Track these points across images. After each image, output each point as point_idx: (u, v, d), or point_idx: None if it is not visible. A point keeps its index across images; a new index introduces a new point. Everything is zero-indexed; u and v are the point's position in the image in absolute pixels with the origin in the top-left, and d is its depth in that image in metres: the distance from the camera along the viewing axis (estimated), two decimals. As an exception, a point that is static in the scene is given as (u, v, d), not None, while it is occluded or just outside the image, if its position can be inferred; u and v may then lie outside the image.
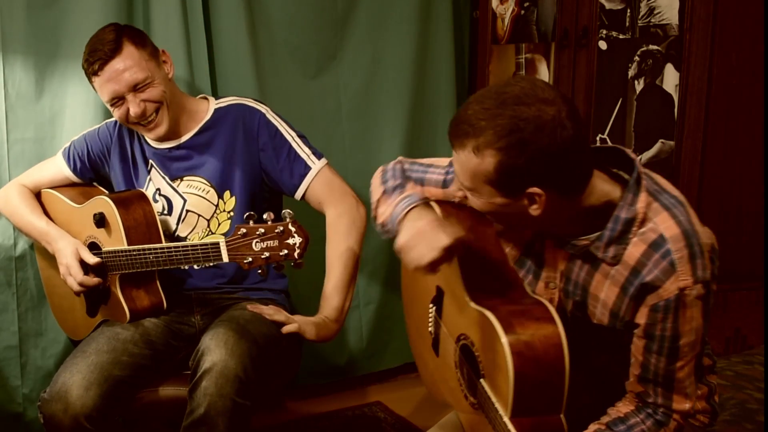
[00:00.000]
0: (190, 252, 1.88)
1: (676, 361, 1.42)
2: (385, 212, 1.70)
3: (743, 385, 1.96)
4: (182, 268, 2.12)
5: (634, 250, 1.41)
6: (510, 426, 1.42)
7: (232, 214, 2.12)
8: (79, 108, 2.41)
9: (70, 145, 2.26)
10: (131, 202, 2.05)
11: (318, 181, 2.12)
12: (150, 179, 2.17)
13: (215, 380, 1.78)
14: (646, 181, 1.44)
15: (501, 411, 1.46)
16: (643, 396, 1.49)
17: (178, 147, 2.14)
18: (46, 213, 2.21)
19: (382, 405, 2.96)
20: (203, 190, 2.13)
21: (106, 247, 2.04)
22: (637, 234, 1.41)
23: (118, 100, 2.02)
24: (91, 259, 2.03)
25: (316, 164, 2.13)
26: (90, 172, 2.26)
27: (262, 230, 1.71)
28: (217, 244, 1.79)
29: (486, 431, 1.55)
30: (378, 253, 2.96)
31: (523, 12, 2.75)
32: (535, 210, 1.39)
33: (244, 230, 1.73)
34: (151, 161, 2.17)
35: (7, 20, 2.34)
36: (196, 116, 2.15)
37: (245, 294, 2.18)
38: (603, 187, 1.43)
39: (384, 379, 3.03)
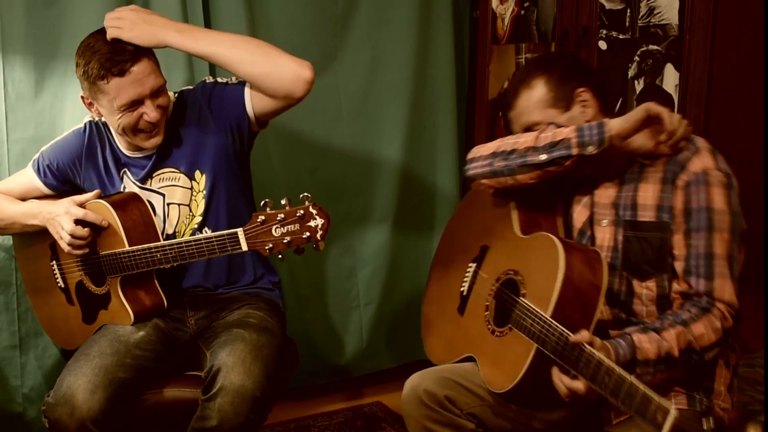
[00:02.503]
0: (204, 245, 1.86)
1: (712, 231, 1.63)
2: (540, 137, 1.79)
3: (745, 388, 1.96)
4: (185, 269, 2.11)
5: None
6: (551, 319, 1.61)
7: (205, 192, 2.10)
8: (78, 108, 2.40)
9: (39, 156, 2.20)
10: (127, 203, 2.04)
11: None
12: (124, 186, 2.14)
13: (231, 399, 1.81)
14: None
15: (542, 312, 1.64)
16: (687, 292, 1.65)
17: (151, 155, 2.11)
18: None
19: (382, 405, 2.97)
20: (175, 178, 2.11)
21: (105, 251, 2.03)
22: None
23: (134, 104, 1.96)
24: (82, 198, 2.03)
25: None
26: (60, 182, 2.19)
27: (282, 215, 1.71)
28: (235, 233, 1.78)
29: (512, 352, 1.71)
30: (378, 254, 2.97)
31: (523, 12, 2.75)
32: (585, 112, 1.80)
33: (263, 217, 1.73)
34: (125, 169, 2.14)
35: (7, 20, 2.34)
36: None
37: (239, 291, 2.18)
38: None
39: (384, 379, 3.03)
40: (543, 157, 1.72)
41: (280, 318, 2.16)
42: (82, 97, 2.06)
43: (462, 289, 1.99)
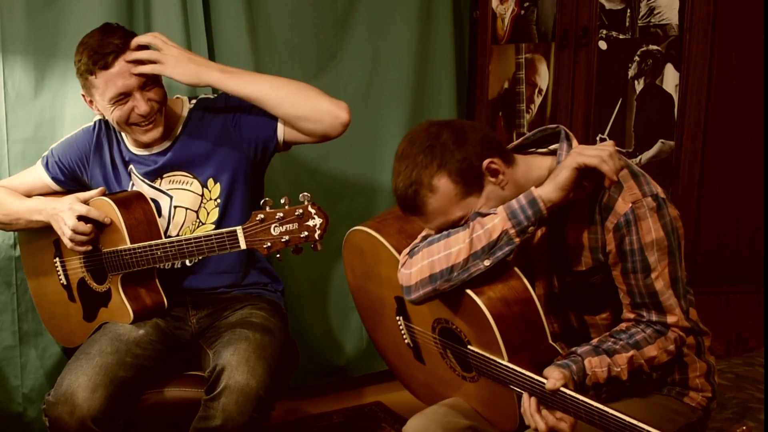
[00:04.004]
0: (203, 242, 1.86)
1: (649, 272, 1.56)
2: (460, 250, 1.61)
3: (745, 386, 1.96)
4: (190, 261, 2.12)
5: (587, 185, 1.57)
6: (512, 365, 1.55)
7: (219, 201, 2.11)
8: (79, 108, 2.41)
9: (49, 153, 2.22)
10: (131, 201, 2.04)
11: None
12: (132, 184, 2.15)
13: (236, 399, 1.81)
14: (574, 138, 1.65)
15: (498, 359, 1.57)
16: (638, 319, 1.61)
17: (161, 153, 2.12)
18: None
19: (382, 405, 2.96)
20: (186, 182, 2.12)
21: (107, 248, 2.03)
22: None
23: (123, 97, 1.98)
24: (85, 195, 2.04)
25: None
26: (69, 178, 2.20)
27: (281, 214, 1.71)
28: (234, 231, 1.78)
29: (496, 394, 1.65)
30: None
31: (523, 12, 2.75)
32: (502, 181, 1.59)
33: (262, 216, 1.73)
34: (131, 166, 2.15)
35: (7, 20, 2.34)
36: (174, 118, 2.13)
37: (241, 291, 2.18)
38: (542, 161, 1.66)
39: (384, 379, 3.02)
40: (486, 263, 1.57)
41: (282, 318, 2.17)
42: (83, 95, 2.08)
43: (406, 341, 1.92)
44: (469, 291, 1.60)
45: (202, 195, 2.12)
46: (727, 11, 2.20)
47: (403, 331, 1.92)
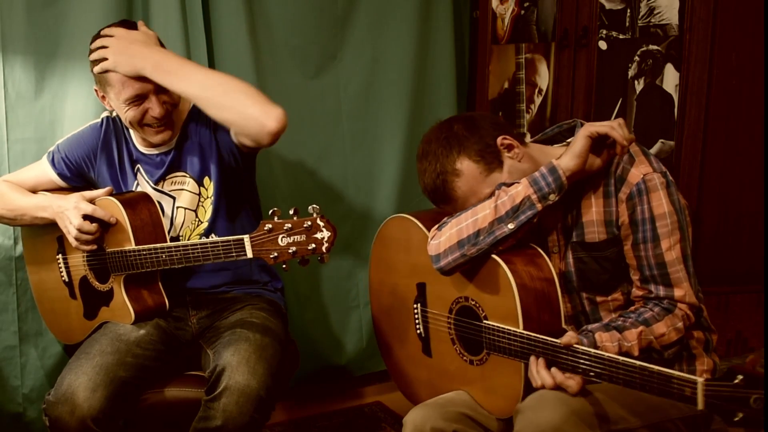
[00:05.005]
0: (210, 249, 1.86)
1: (659, 242, 1.64)
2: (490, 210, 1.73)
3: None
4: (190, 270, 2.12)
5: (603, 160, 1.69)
6: (526, 332, 1.62)
7: (212, 198, 2.11)
8: (79, 108, 2.41)
9: (55, 148, 2.23)
10: (137, 202, 2.04)
11: None
12: (137, 183, 2.16)
13: (236, 399, 1.81)
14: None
15: (513, 329, 1.65)
16: (647, 296, 1.68)
17: (166, 152, 2.12)
18: None
19: (382, 405, 2.97)
20: (185, 183, 2.13)
21: (111, 248, 2.03)
22: None
23: (138, 99, 1.98)
24: (92, 194, 2.04)
25: None
26: (75, 174, 2.21)
27: (289, 225, 1.72)
28: (241, 240, 1.78)
29: (501, 375, 1.71)
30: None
31: (523, 12, 2.75)
32: (518, 155, 1.74)
33: (270, 225, 1.73)
34: (138, 165, 2.15)
35: (7, 20, 2.34)
36: (180, 114, 2.13)
37: (241, 292, 2.18)
38: (557, 150, 1.77)
39: (384, 379, 3.03)
40: (511, 226, 1.67)
41: (283, 319, 2.17)
42: (96, 90, 2.08)
43: (418, 331, 1.96)
44: (496, 257, 1.70)
45: (199, 194, 2.12)
46: (727, 11, 2.20)
47: (417, 321, 1.96)
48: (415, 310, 1.96)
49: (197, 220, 2.12)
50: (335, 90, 2.83)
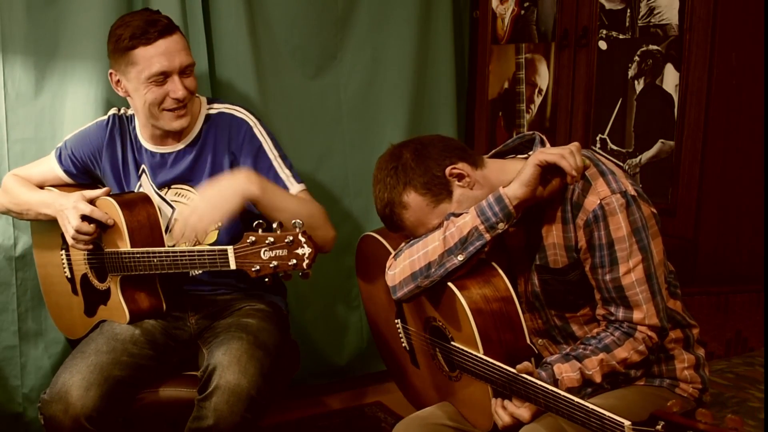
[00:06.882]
0: (196, 258, 1.86)
1: (617, 266, 1.59)
2: (434, 248, 1.69)
3: (745, 386, 1.96)
4: (189, 272, 2.11)
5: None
6: (483, 357, 1.61)
7: (219, 224, 2.06)
8: (79, 107, 2.41)
9: (62, 145, 2.23)
10: (135, 203, 2.04)
11: None
12: (140, 185, 2.15)
13: (227, 398, 1.81)
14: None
15: (474, 353, 1.63)
16: (608, 317, 1.64)
17: (177, 152, 2.12)
18: None
19: (382, 405, 2.97)
20: (190, 197, 2.12)
21: (109, 248, 2.03)
22: None
23: (162, 77, 1.97)
24: (91, 194, 2.03)
25: (293, 187, 2.08)
26: (81, 171, 2.21)
27: (272, 239, 1.69)
28: (225, 251, 1.77)
29: (474, 391, 1.69)
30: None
31: (523, 12, 2.75)
32: (469, 183, 1.68)
33: (253, 238, 1.71)
34: (143, 166, 2.15)
35: (7, 20, 2.34)
36: (192, 116, 2.11)
37: (242, 293, 2.18)
38: (517, 164, 1.68)
39: (384, 379, 3.02)
40: (461, 258, 1.63)
41: (282, 320, 2.16)
42: (111, 74, 2.07)
43: (403, 345, 1.97)
44: (451, 285, 1.67)
45: None
46: (727, 11, 2.20)
47: (401, 334, 1.96)
48: (398, 326, 1.96)
49: (195, 239, 2.10)
50: (335, 90, 2.82)
